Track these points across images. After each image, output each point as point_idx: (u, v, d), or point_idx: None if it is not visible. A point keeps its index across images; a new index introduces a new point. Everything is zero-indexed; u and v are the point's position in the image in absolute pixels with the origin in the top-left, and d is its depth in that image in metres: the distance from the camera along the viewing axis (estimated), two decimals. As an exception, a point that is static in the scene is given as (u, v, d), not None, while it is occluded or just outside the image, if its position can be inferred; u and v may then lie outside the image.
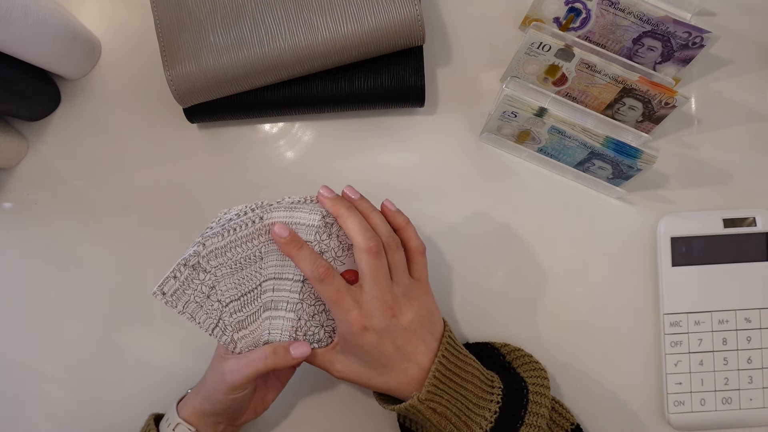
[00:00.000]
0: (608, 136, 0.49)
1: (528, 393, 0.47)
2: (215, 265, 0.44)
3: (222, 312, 0.45)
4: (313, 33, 0.50)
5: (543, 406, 0.46)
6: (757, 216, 0.54)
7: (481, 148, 0.56)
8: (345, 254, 0.46)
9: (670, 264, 0.54)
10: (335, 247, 0.46)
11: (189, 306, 0.44)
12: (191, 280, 0.44)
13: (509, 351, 0.52)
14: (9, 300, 0.57)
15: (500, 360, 0.52)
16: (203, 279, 0.44)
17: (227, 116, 0.55)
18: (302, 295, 0.45)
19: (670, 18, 0.49)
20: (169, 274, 0.44)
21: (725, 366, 0.53)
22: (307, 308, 0.46)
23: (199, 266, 0.44)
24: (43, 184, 0.57)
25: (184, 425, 0.46)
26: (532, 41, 0.49)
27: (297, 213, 0.45)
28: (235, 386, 0.44)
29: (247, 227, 0.44)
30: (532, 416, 0.45)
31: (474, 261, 0.55)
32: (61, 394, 0.56)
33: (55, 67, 0.54)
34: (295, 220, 0.45)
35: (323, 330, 0.47)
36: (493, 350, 0.52)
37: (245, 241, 0.44)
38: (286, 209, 0.45)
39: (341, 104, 0.54)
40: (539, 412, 0.46)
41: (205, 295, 0.44)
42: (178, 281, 0.44)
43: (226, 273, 0.45)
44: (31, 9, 0.48)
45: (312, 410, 0.55)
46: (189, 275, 0.44)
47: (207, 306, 0.45)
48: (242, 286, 0.45)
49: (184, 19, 0.51)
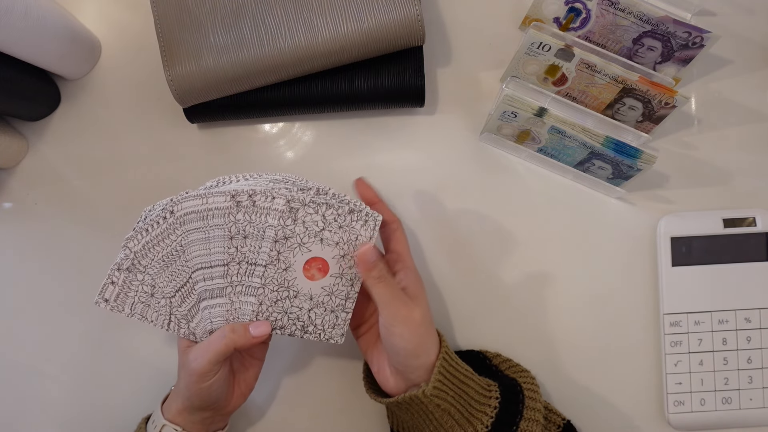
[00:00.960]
0: (608, 136, 0.49)
1: (522, 389, 0.47)
2: (146, 265, 0.45)
3: (171, 306, 0.45)
4: (313, 33, 0.50)
5: (538, 401, 0.47)
6: (757, 216, 0.54)
7: (481, 148, 0.56)
8: (311, 240, 0.45)
9: (670, 264, 0.54)
10: (301, 233, 0.45)
11: (136, 307, 0.45)
12: (130, 282, 0.45)
13: (501, 361, 0.53)
14: (9, 300, 0.57)
15: (487, 364, 0.52)
16: (142, 279, 0.45)
17: (227, 116, 0.55)
18: (264, 280, 0.45)
19: (670, 18, 0.49)
20: (107, 281, 0.45)
21: (725, 366, 0.53)
22: (269, 294, 0.45)
23: (133, 267, 0.45)
24: (43, 184, 0.57)
25: (170, 426, 0.46)
26: (532, 41, 0.49)
27: (213, 198, 0.44)
28: (202, 373, 0.44)
29: (159, 225, 0.44)
30: (530, 410, 0.46)
31: (474, 261, 0.55)
32: (60, 393, 0.56)
33: (55, 67, 0.54)
34: (211, 206, 0.44)
35: (286, 316, 0.46)
36: (478, 355, 0.53)
37: (161, 239, 0.45)
38: (198, 197, 0.44)
39: (341, 104, 0.54)
40: (536, 406, 0.46)
41: (148, 294, 0.45)
42: (116, 286, 0.45)
43: (158, 270, 0.45)
44: (31, 9, 0.48)
45: (304, 390, 0.55)
46: (126, 278, 0.45)
47: (154, 304, 0.45)
48: (175, 281, 0.45)
49: (184, 19, 0.51)
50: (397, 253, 0.48)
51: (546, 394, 0.55)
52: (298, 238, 0.45)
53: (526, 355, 0.55)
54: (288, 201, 0.44)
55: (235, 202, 0.44)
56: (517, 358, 0.54)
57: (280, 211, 0.44)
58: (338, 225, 0.45)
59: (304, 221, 0.45)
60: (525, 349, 0.55)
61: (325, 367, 0.55)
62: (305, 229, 0.45)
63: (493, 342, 0.55)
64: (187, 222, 0.44)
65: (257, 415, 0.55)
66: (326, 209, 0.45)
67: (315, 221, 0.45)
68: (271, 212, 0.44)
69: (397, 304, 0.44)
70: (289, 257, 0.45)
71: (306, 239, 0.45)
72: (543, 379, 0.54)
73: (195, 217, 0.44)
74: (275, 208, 0.44)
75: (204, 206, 0.44)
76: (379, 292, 0.44)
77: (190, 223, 0.44)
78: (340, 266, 0.46)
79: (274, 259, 0.45)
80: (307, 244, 0.45)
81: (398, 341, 0.44)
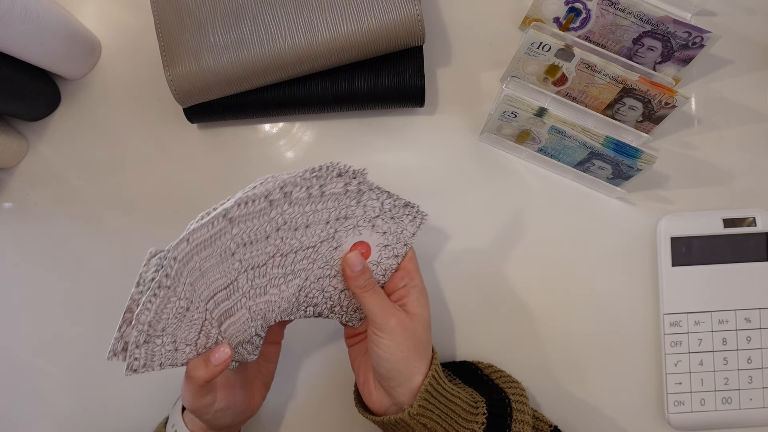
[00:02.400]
0: (608, 136, 0.49)
1: (510, 402, 0.47)
2: (162, 327, 0.41)
3: (197, 347, 0.43)
4: (313, 33, 0.50)
5: (526, 414, 0.47)
6: (757, 216, 0.54)
7: (481, 148, 0.56)
8: (365, 224, 0.45)
9: (670, 264, 0.54)
10: (359, 216, 0.45)
11: (165, 363, 0.42)
12: (152, 351, 0.41)
13: (492, 371, 0.52)
14: (9, 300, 0.57)
15: (478, 374, 0.52)
16: (162, 342, 0.42)
17: (227, 116, 0.55)
18: (316, 255, 0.44)
19: (670, 18, 0.49)
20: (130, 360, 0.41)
21: (725, 366, 0.53)
22: (317, 270, 0.45)
23: (150, 338, 0.41)
24: (43, 184, 0.57)
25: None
26: (532, 41, 0.49)
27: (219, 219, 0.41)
28: (194, 409, 0.43)
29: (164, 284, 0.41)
30: (518, 423, 0.46)
31: (473, 261, 0.55)
32: (60, 393, 0.56)
33: (55, 67, 0.54)
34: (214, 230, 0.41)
35: (322, 294, 0.46)
36: (471, 366, 0.53)
37: (168, 297, 0.41)
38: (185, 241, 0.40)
39: (341, 104, 0.54)
40: (523, 419, 0.46)
41: (172, 349, 0.42)
42: (141, 359, 0.41)
43: (175, 325, 0.41)
44: (31, 9, 0.48)
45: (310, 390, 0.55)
46: (147, 349, 0.41)
47: (180, 352, 0.43)
48: (195, 326, 0.42)
49: (184, 19, 0.51)
50: (406, 270, 0.48)
51: (545, 395, 0.55)
52: (356, 219, 0.45)
53: (526, 354, 0.55)
54: (359, 183, 0.44)
55: (269, 202, 0.41)
56: (517, 357, 0.54)
57: (345, 192, 0.43)
58: (391, 215, 0.46)
59: (365, 205, 0.45)
60: (524, 349, 0.55)
61: (326, 375, 0.55)
62: (363, 213, 0.45)
63: (492, 342, 0.55)
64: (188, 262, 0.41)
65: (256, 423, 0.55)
66: (386, 197, 0.45)
67: (374, 207, 0.45)
68: (331, 197, 0.43)
69: (384, 315, 0.44)
70: (343, 237, 0.45)
71: (362, 222, 0.45)
72: (542, 378, 0.54)
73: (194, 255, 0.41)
74: (336, 191, 0.43)
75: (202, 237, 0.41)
76: (365, 302, 0.45)
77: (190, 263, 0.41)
78: (380, 254, 0.47)
79: (330, 237, 0.44)
80: (360, 227, 0.45)
81: (383, 352, 0.44)
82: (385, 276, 0.48)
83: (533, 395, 0.55)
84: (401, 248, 0.47)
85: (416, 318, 0.45)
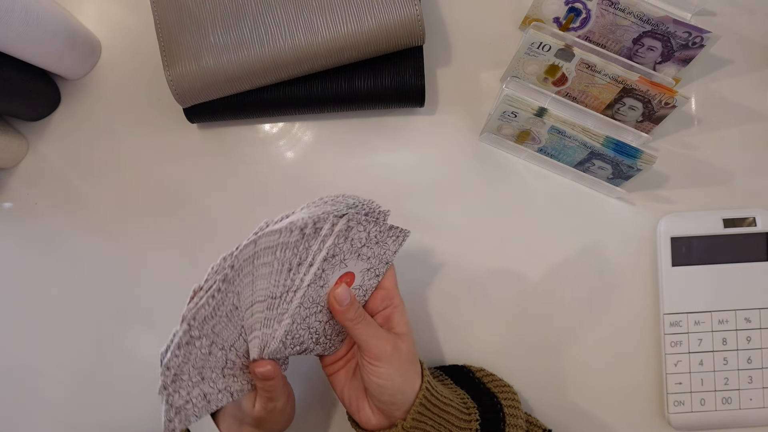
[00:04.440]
0: (608, 136, 0.49)
1: (503, 408, 0.47)
2: (211, 327, 0.41)
3: (228, 353, 0.43)
4: (313, 33, 0.50)
5: (519, 418, 0.47)
6: (757, 216, 0.54)
7: (481, 148, 0.56)
8: (351, 257, 0.44)
9: (670, 264, 0.54)
10: (346, 250, 0.43)
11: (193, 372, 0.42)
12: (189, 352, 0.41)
13: (484, 375, 0.52)
14: (9, 300, 0.57)
15: (470, 377, 0.52)
16: (201, 344, 0.41)
17: (227, 116, 0.55)
18: (302, 300, 0.43)
19: (670, 18, 0.49)
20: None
21: (725, 366, 0.53)
22: (302, 311, 0.44)
23: (192, 338, 0.40)
24: (43, 184, 0.57)
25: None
26: (532, 41, 0.49)
27: (262, 239, 0.41)
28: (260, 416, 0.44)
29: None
30: (511, 427, 0.46)
31: (473, 261, 0.55)
32: (60, 394, 0.56)
33: (55, 67, 0.54)
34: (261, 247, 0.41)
35: (308, 332, 0.45)
36: (462, 369, 0.53)
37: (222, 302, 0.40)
38: (251, 244, 0.41)
39: (341, 104, 0.54)
40: (516, 423, 0.46)
41: (206, 353, 0.42)
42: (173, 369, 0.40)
43: (222, 326, 0.41)
44: (31, 9, 0.48)
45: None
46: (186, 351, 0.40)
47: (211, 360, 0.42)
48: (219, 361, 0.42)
49: (184, 19, 0.51)
50: (386, 289, 0.47)
51: (545, 395, 0.55)
52: (342, 255, 0.43)
53: (525, 354, 0.55)
54: (348, 220, 0.42)
55: (302, 234, 0.41)
56: (517, 357, 0.54)
57: (338, 232, 0.42)
58: (375, 241, 0.44)
59: (352, 239, 0.43)
60: (524, 349, 0.55)
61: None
62: (350, 246, 0.43)
63: (493, 342, 0.55)
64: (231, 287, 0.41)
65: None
66: (373, 226, 0.44)
67: (360, 238, 0.43)
68: (330, 236, 0.42)
69: (380, 343, 0.43)
70: (329, 274, 0.43)
71: (347, 255, 0.43)
72: (542, 379, 0.54)
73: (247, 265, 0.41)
74: (336, 230, 0.42)
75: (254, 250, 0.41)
76: (357, 333, 0.43)
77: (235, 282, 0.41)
78: (362, 278, 0.45)
79: (318, 278, 0.43)
80: (346, 260, 0.44)
81: (383, 381, 0.43)
82: (366, 296, 0.46)
83: (532, 398, 0.55)
84: (382, 267, 0.46)
85: (405, 338, 0.45)
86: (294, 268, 0.42)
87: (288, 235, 0.41)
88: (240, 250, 0.40)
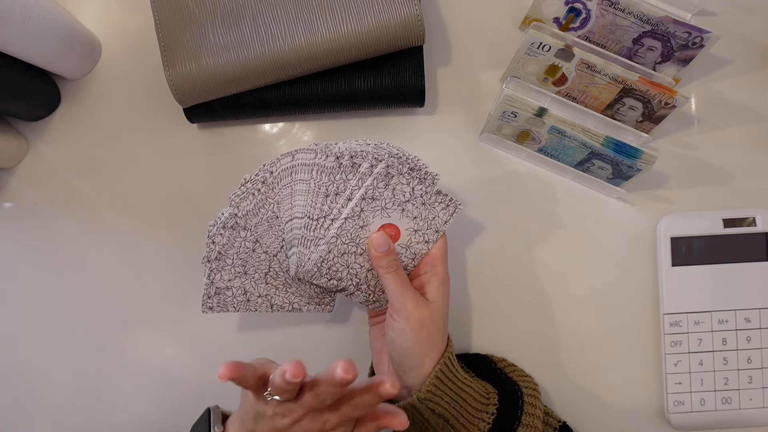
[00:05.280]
0: (608, 136, 0.49)
1: (522, 395, 0.47)
2: (254, 224, 0.46)
3: (271, 261, 0.48)
4: (313, 33, 0.50)
5: (537, 408, 0.47)
6: (757, 216, 0.54)
7: (481, 148, 0.56)
8: (394, 207, 0.46)
9: (670, 264, 0.54)
10: (387, 198, 0.46)
11: (236, 260, 0.47)
12: (234, 238, 0.47)
13: (506, 365, 0.53)
14: (8, 299, 0.57)
15: (492, 367, 0.52)
16: (245, 236, 0.47)
17: (227, 116, 0.55)
18: (340, 231, 0.46)
19: (670, 18, 0.49)
20: (208, 244, 0.46)
21: (725, 366, 0.53)
22: (340, 245, 0.46)
23: (237, 226, 0.46)
24: (43, 184, 0.57)
25: None
26: (532, 41, 0.49)
27: (300, 154, 0.46)
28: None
29: (259, 190, 0.46)
30: (528, 416, 0.46)
31: (473, 261, 0.55)
32: (60, 393, 0.56)
33: (55, 67, 0.54)
34: (298, 162, 0.46)
35: (347, 270, 0.47)
36: (485, 359, 0.53)
37: (263, 203, 0.46)
38: (288, 155, 0.46)
39: (341, 104, 0.54)
40: (534, 412, 0.46)
41: (250, 249, 0.47)
42: (217, 245, 0.46)
43: (264, 229, 0.47)
44: (31, 9, 0.48)
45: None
46: (230, 235, 0.46)
47: (254, 258, 0.47)
48: (279, 238, 0.47)
49: (184, 19, 0.51)
50: (432, 257, 0.48)
51: (546, 394, 0.55)
52: (383, 201, 0.46)
53: (526, 354, 0.55)
54: (388, 166, 0.45)
55: (338, 163, 0.45)
56: (517, 357, 0.54)
57: (377, 174, 0.45)
58: (422, 201, 0.47)
59: (394, 188, 0.46)
60: (525, 349, 0.55)
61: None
62: (393, 196, 0.46)
63: (493, 342, 0.55)
64: (283, 178, 0.46)
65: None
66: (417, 183, 0.46)
67: (404, 191, 0.46)
68: (369, 176, 0.45)
69: (403, 299, 0.45)
70: (369, 217, 0.46)
71: (390, 205, 0.46)
72: (543, 378, 0.54)
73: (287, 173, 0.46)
74: (375, 172, 0.45)
75: (292, 162, 0.46)
76: (386, 282, 0.45)
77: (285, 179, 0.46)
78: (410, 238, 0.47)
79: (356, 215, 0.46)
80: (389, 210, 0.46)
81: (396, 335, 0.44)
82: (414, 260, 0.48)
83: (534, 395, 0.55)
84: (432, 234, 0.48)
85: (433, 306, 0.46)
86: (331, 195, 0.46)
87: (324, 159, 0.45)
88: (279, 159, 0.45)
